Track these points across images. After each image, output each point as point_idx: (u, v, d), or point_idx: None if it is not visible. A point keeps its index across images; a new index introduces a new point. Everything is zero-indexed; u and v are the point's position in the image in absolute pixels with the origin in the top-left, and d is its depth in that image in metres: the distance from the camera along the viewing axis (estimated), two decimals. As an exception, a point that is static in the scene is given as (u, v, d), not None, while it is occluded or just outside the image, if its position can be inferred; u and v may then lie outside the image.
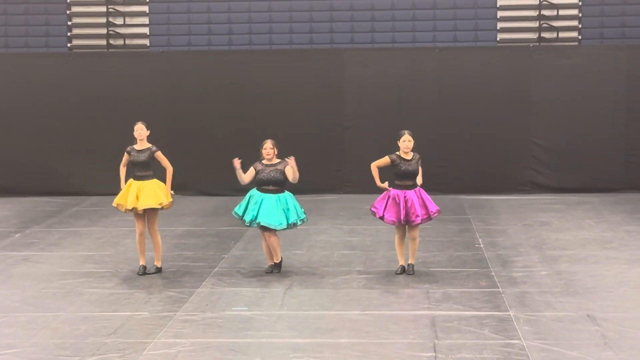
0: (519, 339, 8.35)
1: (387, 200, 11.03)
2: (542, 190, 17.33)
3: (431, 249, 12.42)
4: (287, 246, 12.78)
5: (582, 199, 16.57)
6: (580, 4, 19.32)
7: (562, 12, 19.32)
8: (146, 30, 19.92)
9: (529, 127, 17.54)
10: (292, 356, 7.96)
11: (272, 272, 11.13)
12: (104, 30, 19.80)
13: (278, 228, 10.95)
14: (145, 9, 19.95)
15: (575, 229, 13.90)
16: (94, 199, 17.40)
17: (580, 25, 19.25)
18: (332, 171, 17.78)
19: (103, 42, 19.77)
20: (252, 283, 10.68)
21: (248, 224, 11.04)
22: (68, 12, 19.98)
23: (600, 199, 16.48)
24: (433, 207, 10.95)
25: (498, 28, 19.39)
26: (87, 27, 19.99)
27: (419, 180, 11.22)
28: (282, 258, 11.29)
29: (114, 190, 17.43)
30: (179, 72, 18.07)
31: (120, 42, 19.87)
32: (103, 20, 19.82)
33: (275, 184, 11.17)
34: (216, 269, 11.44)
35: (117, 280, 10.92)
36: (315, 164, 17.73)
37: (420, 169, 11.24)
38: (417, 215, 10.78)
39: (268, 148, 11.36)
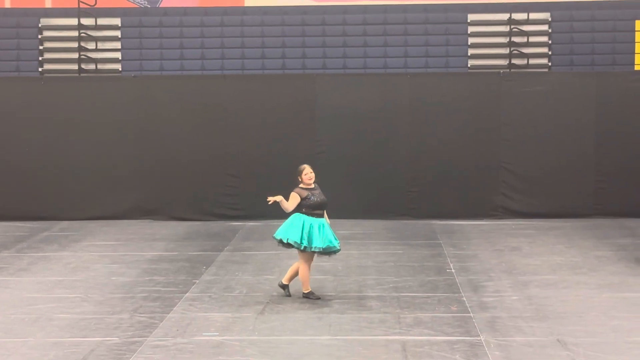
0: (490, 363, 8.41)
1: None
2: (513, 216, 17.41)
3: (402, 274, 12.45)
4: (259, 271, 12.79)
5: (553, 224, 16.66)
6: (550, 31, 19.56)
7: (532, 39, 19.55)
8: (118, 55, 19.96)
9: (500, 152, 17.64)
10: (263, 382, 7.97)
11: (311, 298, 11.04)
12: (75, 55, 19.80)
13: (334, 250, 11.04)
14: (117, 33, 20.00)
15: (545, 254, 13.95)
16: (64, 223, 17.33)
17: (550, 52, 19.48)
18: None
19: (75, 66, 19.76)
20: (224, 308, 10.65)
21: (320, 250, 10.90)
22: (40, 36, 19.98)
23: (570, 224, 16.58)
24: None
25: (469, 54, 19.59)
26: (59, 51, 19.99)
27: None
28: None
29: (85, 214, 17.56)
30: (151, 97, 18.02)
31: (92, 66, 19.87)
32: (75, 44, 19.83)
33: (325, 207, 11.20)
34: (187, 294, 11.40)
35: (87, 305, 10.85)
36: (288, 189, 17.70)
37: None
38: None
39: (309, 173, 11.38)
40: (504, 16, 19.69)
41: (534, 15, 19.70)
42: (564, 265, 13.06)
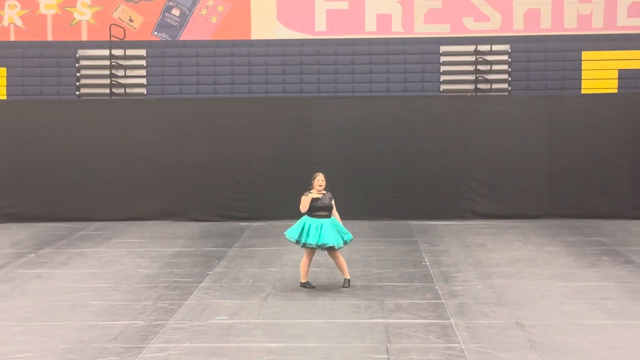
0: (459, 343, 8.39)
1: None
2: (478, 217, 17.40)
3: (385, 267, 12.47)
4: (263, 264, 12.79)
5: (512, 224, 16.66)
6: (509, 60, 19.59)
7: (494, 67, 19.59)
8: (143, 80, 19.95)
9: (468, 164, 17.64)
10: (266, 358, 7.95)
11: (307, 287, 11.03)
12: (107, 81, 19.81)
13: (341, 246, 10.98)
14: (143, 62, 20.02)
15: (506, 249, 13.96)
16: (98, 224, 17.29)
17: (509, 78, 19.51)
18: (300, 200, 17.77)
19: (107, 90, 19.77)
20: (233, 296, 10.66)
21: (313, 246, 10.90)
22: (77, 64, 19.98)
23: (527, 224, 16.58)
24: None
25: (441, 80, 19.61)
26: (93, 77, 19.99)
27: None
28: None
29: (115, 216, 17.55)
30: (171, 116, 18.01)
31: (121, 90, 19.87)
32: (107, 72, 19.84)
33: (328, 210, 11.13)
34: (202, 284, 11.40)
35: (117, 294, 10.85)
36: (288, 194, 17.72)
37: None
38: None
39: (321, 180, 11.32)
40: (471, 48, 19.73)
41: (496, 47, 19.73)
42: (521, 259, 13.07)
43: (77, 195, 17.84)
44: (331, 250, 11.01)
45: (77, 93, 19.83)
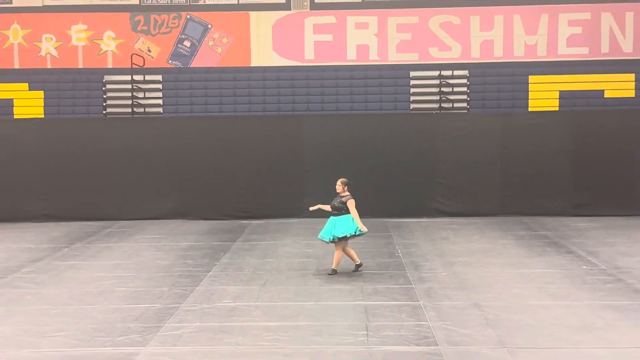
0: (427, 321, 8.46)
1: None
2: (443, 215, 17.44)
3: (364, 257, 12.50)
4: (262, 256, 12.81)
5: (471, 221, 16.74)
6: (468, 83, 19.66)
7: (455, 89, 19.65)
8: (160, 101, 19.92)
9: (435, 170, 17.69)
10: (265, 335, 8.00)
11: (335, 274, 11.07)
12: (129, 101, 19.78)
13: (326, 240, 11.00)
14: (160, 86, 19.99)
15: (466, 242, 14.04)
16: (122, 222, 17.28)
17: (468, 98, 19.57)
18: (294, 202, 17.81)
19: (129, 110, 19.74)
20: (236, 282, 10.69)
21: (327, 239, 11.00)
22: (103, 88, 19.95)
23: (483, 221, 16.65)
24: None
25: (411, 100, 19.64)
26: (117, 99, 19.95)
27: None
28: (360, 261, 11.33)
29: (137, 216, 17.52)
30: (183, 131, 18.03)
31: (141, 110, 19.85)
32: (129, 94, 19.81)
33: (337, 210, 11.09)
34: (210, 272, 11.43)
35: (138, 281, 10.87)
36: (282, 196, 17.80)
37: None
38: None
39: (338, 185, 11.34)
40: (436, 73, 19.78)
41: (457, 72, 19.79)
42: (478, 250, 13.16)
43: (104, 198, 17.83)
44: (342, 240, 10.97)
45: (104, 112, 19.78)
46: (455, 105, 19.46)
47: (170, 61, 20.45)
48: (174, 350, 7.55)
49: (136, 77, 19.97)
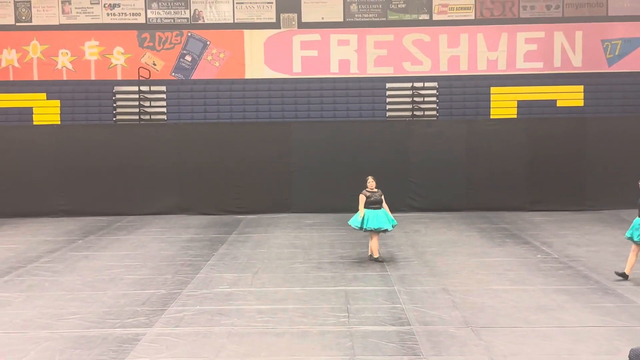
0: (400, 304, 8.49)
1: None
2: (415, 210, 17.50)
3: (346, 248, 12.55)
4: (255, 247, 12.80)
5: (439, 215, 16.81)
6: (437, 94, 19.73)
7: (426, 99, 19.71)
8: (164, 109, 19.83)
9: (408, 171, 17.75)
10: (257, 317, 8.00)
11: (373, 260, 11.11)
12: (136, 109, 19.68)
13: (389, 229, 11.05)
14: (164, 95, 19.89)
15: (435, 234, 14.09)
16: (130, 217, 17.21)
17: (437, 107, 19.64)
18: (283, 198, 17.84)
19: (136, 117, 19.64)
20: (232, 270, 10.67)
21: (374, 229, 10.99)
22: (113, 97, 19.83)
23: (450, 215, 16.74)
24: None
25: (387, 108, 19.67)
26: (126, 107, 19.84)
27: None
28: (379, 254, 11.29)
29: (143, 211, 17.45)
30: (185, 136, 18.00)
31: (147, 117, 19.75)
32: (136, 103, 19.72)
33: (379, 203, 11.15)
34: (209, 261, 11.41)
35: (144, 269, 10.83)
36: (272, 193, 17.79)
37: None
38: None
39: (371, 182, 11.37)
40: (409, 84, 19.82)
41: (427, 84, 19.83)
42: (446, 241, 13.21)
43: (114, 196, 17.75)
44: (380, 232, 11.09)
45: (114, 119, 19.67)
46: (426, 113, 19.51)
47: (173, 74, 20.35)
48: (177, 331, 7.52)
49: (143, 88, 19.87)
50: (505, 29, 20.20)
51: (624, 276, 9.63)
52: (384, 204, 11.29)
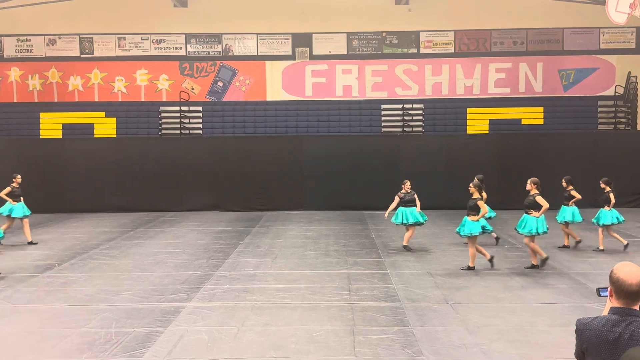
0: (392, 284, 8.50)
1: None
2: (405, 208, 17.49)
3: (348, 238, 12.57)
4: (274, 238, 12.84)
5: (425, 213, 16.63)
6: (423, 113, 19.76)
7: (414, 118, 19.74)
8: (200, 125, 19.96)
9: (399, 175, 17.48)
10: (275, 294, 8.03)
11: (407, 250, 10.95)
12: (178, 125, 19.81)
13: (423, 222, 10.96)
14: (200, 114, 20.04)
15: (421, 228, 13.92)
16: (172, 213, 17.30)
17: (423, 124, 19.67)
18: (296, 198, 17.90)
19: (177, 131, 19.78)
20: (255, 257, 10.71)
21: (412, 224, 10.88)
22: (159, 115, 19.97)
23: (434, 213, 16.59)
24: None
25: (382, 125, 19.73)
26: (169, 123, 19.99)
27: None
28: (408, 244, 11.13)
29: (182, 208, 17.54)
30: (218, 147, 18.09)
31: (186, 131, 19.88)
32: (177, 119, 19.85)
33: (413, 202, 11.04)
34: (236, 249, 11.46)
35: (184, 255, 10.89)
36: (288, 194, 17.84)
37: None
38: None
39: (407, 184, 11.23)
40: (400, 105, 19.87)
41: (415, 105, 19.88)
42: (430, 234, 13.21)
43: (158, 195, 17.84)
44: (416, 225, 10.97)
45: (160, 133, 19.82)
46: (414, 129, 19.54)
47: (208, 96, 20.47)
48: (210, 305, 7.57)
49: (183, 108, 20.00)
50: (479, 60, 20.21)
51: (543, 262, 9.44)
52: (417, 203, 11.10)
